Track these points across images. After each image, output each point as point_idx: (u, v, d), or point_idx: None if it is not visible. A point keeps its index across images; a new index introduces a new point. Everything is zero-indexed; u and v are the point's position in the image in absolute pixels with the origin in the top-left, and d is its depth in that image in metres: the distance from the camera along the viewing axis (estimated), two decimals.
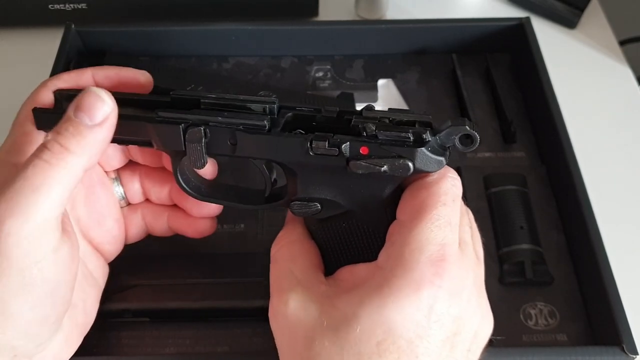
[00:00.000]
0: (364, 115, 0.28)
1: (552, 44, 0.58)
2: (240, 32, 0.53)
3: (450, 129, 0.27)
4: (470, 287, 0.28)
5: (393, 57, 0.55)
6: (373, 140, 0.27)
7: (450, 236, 0.28)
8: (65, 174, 0.27)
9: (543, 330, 0.40)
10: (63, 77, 0.33)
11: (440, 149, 0.28)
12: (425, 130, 0.27)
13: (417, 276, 0.26)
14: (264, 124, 0.29)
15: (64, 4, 0.57)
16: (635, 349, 0.35)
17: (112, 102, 0.29)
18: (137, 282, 0.39)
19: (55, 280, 0.28)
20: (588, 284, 0.40)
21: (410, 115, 0.28)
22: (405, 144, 0.27)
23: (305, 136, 0.28)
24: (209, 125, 0.29)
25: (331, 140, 0.28)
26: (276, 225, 0.44)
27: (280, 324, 0.29)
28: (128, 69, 0.34)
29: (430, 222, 0.27)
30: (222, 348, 0.39)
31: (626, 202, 0.48)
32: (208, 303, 0.39)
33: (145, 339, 0.39)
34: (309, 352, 0.27)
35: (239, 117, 0.29)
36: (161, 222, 0.37)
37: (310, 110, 0.30)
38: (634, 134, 0.53)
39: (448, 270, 0.27)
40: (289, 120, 0.30)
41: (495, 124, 0.50)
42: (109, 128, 0.29)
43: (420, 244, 0.27)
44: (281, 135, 0.29)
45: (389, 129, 0.27)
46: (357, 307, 0.27)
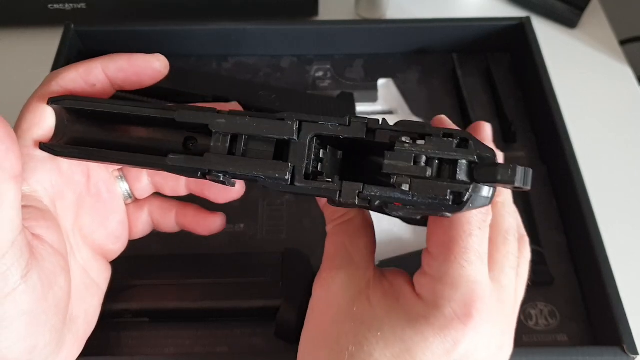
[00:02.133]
0: (396, 150, 0.25)
1: (553, 44, 0.58)
2: (240, 31, 0.53)
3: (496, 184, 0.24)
4: (504, 333, 0.28)
5: (393, 56, 0.55)
6: (406, 196, 0.25)
7: (481, 271, 0.27)
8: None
9: (543, 330, 0.40)
10: (70, 73, 0.30)
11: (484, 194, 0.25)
12: (467, 187, 0.24)
13: (448, 314, 0.26)
14: (286, 177, 0.26)
15: (64, 4, 0.56)
16: (635, 349, 0.35)
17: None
18: (137, 282, 0.39)
19: (34, 309, 0.26)
20: (588, 284, 0.40)
21: (452, 154, 0.25)
22: (443, 205, 0.25)
23: (333, 189, 0.26)
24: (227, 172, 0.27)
25: (361, 195, 0.25)
26: (276, 225, 0.44)
27: (321, 294, 0.30)
28: (140, 56, 0.31)
29: (459, 256, 0.26)
30: (222, 348, 0.39)
31: (627, 202, 0.48)
32: (208, 303, 0.39)
33: (145, 339, 0.39)
34: (330, 330, 0.28)
35: (257, 166, 0.26)
36: (169, 218, 0.36)
37: (335, 125, 0.26)
38: (634, 134, 0.53)
39: (480, 311, 0.26)
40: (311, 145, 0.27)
41: (496, 124, 0.50)
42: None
43: (452, 282, 0.26)
44: (306, 188, 0.26)
45: (424, 190, 0.24)
46: (386, 314, 0.27)
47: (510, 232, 0.29)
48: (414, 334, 0.26)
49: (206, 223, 0.36)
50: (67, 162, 0.30)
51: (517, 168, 0.24)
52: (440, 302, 0.26)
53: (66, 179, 0.31)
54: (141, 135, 0.29)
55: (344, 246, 0.30)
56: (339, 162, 0.28)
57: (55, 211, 0.30)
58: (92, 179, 0.32)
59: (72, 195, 0.31)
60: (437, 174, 0.25)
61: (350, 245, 0.30)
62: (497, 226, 0.29)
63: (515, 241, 0.30)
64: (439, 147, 0.25)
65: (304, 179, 0.26)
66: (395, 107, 0.52)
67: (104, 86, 0.30)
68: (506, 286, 0.28)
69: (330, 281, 0.29)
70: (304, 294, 0.38)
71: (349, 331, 0.27)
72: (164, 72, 0.31)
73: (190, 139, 0.29)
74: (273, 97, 0.48)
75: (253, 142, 0.27)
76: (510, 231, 0.29)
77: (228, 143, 0.26)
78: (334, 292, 0.29)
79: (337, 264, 0.30)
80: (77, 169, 0.31)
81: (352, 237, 0.30)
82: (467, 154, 0.25)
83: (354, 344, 0.27)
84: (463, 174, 0.25)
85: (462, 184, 0.24)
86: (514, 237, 0.29)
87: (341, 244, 0.30)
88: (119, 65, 0.30)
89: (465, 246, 0.27)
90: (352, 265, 0.29)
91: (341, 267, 0.29)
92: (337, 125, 0.26)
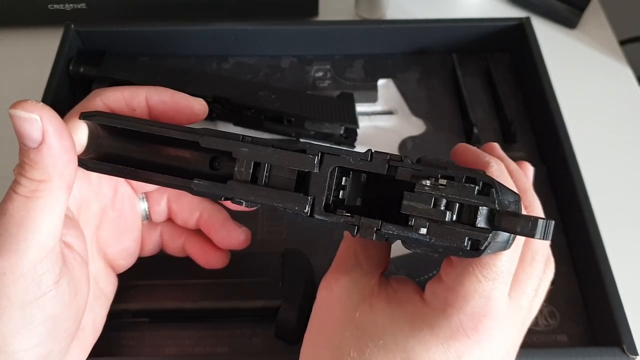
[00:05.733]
0: (417, 192, 0.25)
1: (553, 44, 0.58)
2: (239, 32, 0.53)
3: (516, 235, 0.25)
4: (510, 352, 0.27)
5: (393, 56, 0.55)
6: (424, 239, 0.25)
7: (500, 289, 0.26)
8: (47, 203, 0.25)
9: (543, 330, 0.40)
10: (116, 93, 0.30)
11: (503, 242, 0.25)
12: (486, 235, 0.24)
13: (454, 325, 0.26)
14: (306, 210, 0.26)
15: (64, 4, 0.56)
16: (635, 349, 0.35)
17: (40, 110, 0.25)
18: (137, 282, 0.39)
19: (59, 315, 0.27)
20: (588, 284, 0.40)
21: (473, 201, 0.24)
22: (460, 251, 0.24)
23: (351, 223, 0.26)
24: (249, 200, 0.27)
25: (379, 233, 0.26)
26: (276, 225, 0.44)
27: (325, 296, 0.30)
28: (183, 96, 0.31)
29: (478, 270, 0.26)
30: (222, 348, 0.38)
31: (626, 202, 0.48)
32: (208, 303, 0.39)
33: (145, 339, 0.39)
34: (332, 335, 0.28)
35: (278, 198, 0.26)
36: (178, 243, 0.37)
37: (357, 160, 0.26)
38: (634, 134, 0.53)
39: (489, 328, 0.26)
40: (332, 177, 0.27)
41: (496, 124, 0.50)
42: (56, 138, 0.25)
43: (465, 294, 0.26)
44: (324, 221, 0.26)
45: (442, 235, 0.24)
46: (388, 322, 0.27)
47: (540, 253, 0.29)
48: (417, 343, 0.26)
49: (209, 257, 0.36)
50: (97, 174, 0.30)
51: (539, 221, 0.23)
52: (449, 310, 0.26)
53: (94, 189, 0.31)
54: (169, 154, 0.30)
55: (355, 251, 0.30)
56: (362, 185, 0.28)
57: (79, 220, 0.31)
58: (118, 195, 0.33)
59: (97, 206, 0.32)
60: (457, 219, 0.25)
61: (361, 251, 0.30)
62: (529, 244, 0.29)
63: (542, 262, 0.29)
64: (460, 192, 0.25)
65: (323, 210, 0.26)
66: (395, 107, 0.52)
67: (142, 113, 0.31)
68: (524, 307, 0.28)
69: (335, 284, 0.29)
70: (304, 294, 0.38)
71: (350, 337, 0.27)
72: (201, 116, 0.32)
73: (216, 158, 0.29)
74: (273, 97, 0.48)
75: (276, 170, 0.27)
76: (539, 252, 0.29)
77: (251, 169, 0.27)
78: (338, 296, 0.29)
79: (344, 267, 0.30)
80: (105, 181, 0.32)
81: (365, 243, 0.30)
82: (488, 201, 0.24)
83: (356, 350, 0.27)
84: (483, 221, 0.24)
85: (481, 231, 0.24)
86: (542, 258, 0.29)
87: (352, 248, 0.30)
88: (162, 98, 0.31)
89: (486, 262, 0.26)
90: (358, 270, 0.30)
91: (347, 272, 0.30)
92: (359, 160, 0.26)
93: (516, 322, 0.28)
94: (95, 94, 0.30)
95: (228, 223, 0.36)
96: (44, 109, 0.25)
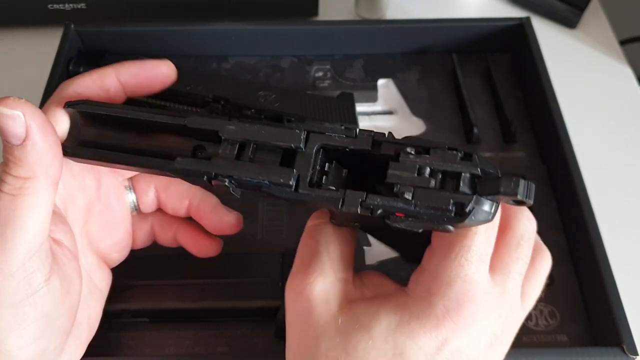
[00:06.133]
0: (401, 161, 0.25)
1: (553, 44, 0.57)
2: (239, 32, 0.53)
3: (499, 196, 0.24)
4: (497, 334, 0.28)
5: (393, 56, 0.55)
6: (409, 206, 0.25)
7: (480, 271, 0.27)
8: (34, 200, 0.25)
9: (543, 330, 0.40)
10: (85, 80, 0.30)
11: (487, 208, 0.25)
12: (470, 198, 0.24)
13: (439, 312, 0.26)
14: (290, 183, 0.26)
15: (63, 4, 0.56)
16: (635, 349, 0.35)
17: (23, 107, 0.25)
18: (137, 282, 0.39)
19: (52, 312, 0.27)
20: (588, 284, 0.40)
21: (456, 166, 0.25)
22: (445, 216, 0.25)
23: (336, 197, 0.26)
24: (232, 177, 0.27)
25: (364, 204, 0.26)
26: (276, 225, 0.44)
27: (298, 303, 0.29)
28: (148, 62, 0.31)
29: (460, 254, 0.27)
30: (222, 348, 0.38)
31: (626, 202, 0.48)
32: (208, 303, 0.39)
33: (145, 339, 0.39)
34: (316, 345, 0.27)
35: (263, 171, 0.26)
36: (169, 233, 0.37)
37: (342, 137, 0.27)
38: (634, 134, 0.53)
39: (473, 312, 0.26)
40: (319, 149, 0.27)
41: (496, 124, 0.50)
42: (40, 134, 0.25)
43: (448, 280, 0.26)
44: (310, 195, 0.26)
45: (427, 200, 0.25)
46: (373, 319, 0.27)
47: (525, 238, 0.29)
48: (406, 337, 0.26)
49: (202, 245, 0.36)
50: (78, 165, 0.30)
51: (520, 181, 0.24)
52: (433, 298, 0.26)
53: (78, 182, 0.31)
54: (152, 142, 0.30)
55: (324, 249, 0.29)
56: (343, 180, 0.28)
57: (66, 215, 0.30)
58: (103, 186, 0.33)
59: (82, 200, 0.32)
60: (441, 186, 0.25)
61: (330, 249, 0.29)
62: (512, 230, 0.29)
63: (528, 248, 0.29)
64: (443, 159, 0.25)
65: (308, 186, 0.26)
66: (395, 107, 0.52)
67: (117, 92, 0.31)
68: (510, 290, 0.28)
69: (309, 290, 0.28)
70: None
71: (337, 344, 0.27)
72: (172, 76, 0.32)
73: (199, 147, 0.29)
74: (273, 97, 0.48)
75: (261, 152, 0.27)
76: (525, 237, 0.29)
77: (236, 150, 0.27)
78: (314, 303, 0.28)
79: (316, 267, 0.29)
80: (88, 173, 0.32)
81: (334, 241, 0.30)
82: (470, 166, 0.25)
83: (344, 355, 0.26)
84: (466, 187, 0.25)
85: (464, 194, 0.25)
86: (527, 243, 0.29)
87: (321, 246, 0.30)
88: (131, 72, 0.31)
89: (469, 244, 0.27)
90: (331, 272, 0.29)
91: (320, 272, 0.29)
92: (344, 137, 0.27)
93: (502, 305, 0.28)
94: (65, 85, 0.30)
95: (219, 208, 0.35)
96: (27, 105, 0.25)
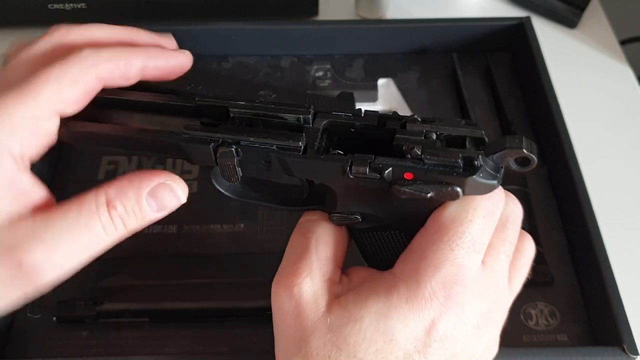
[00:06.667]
0: (408, 128, 0.26)
1: (553, 44, 0.57)
2: (239, 31, 0.53)
3: (505, 152, 0.24)
4: (484, 315, 0.28)
5: (393, 56, 0.55)
6: (418, 165, 0.25)
7: (471, 257, 0.27)
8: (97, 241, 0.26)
9: (543, 330, 0.40)
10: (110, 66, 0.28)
11: (493, 170, 0.25)
12: (477, 155, 0.25)
13: (427, 294, 0.26)
14: (299, 145, 0.26)
15: (64, 4, 0.56)
16: (635, 349, 0.35)
17: (184, 197, 0.28)
18: (137, 282, 0.39)
19: None
20: (589, 284, 0.40)
21: (461, 130, 0.26)
22: (455, 171, 0.25)
23: (345, 159, 0.26)
24: (240, 144, 0.27)
25: (372, 165, 0.25)
26: (276, 225, 0.44)
27: (285, 304, 0.28)
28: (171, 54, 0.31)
29: (452, 239, 0.27)
30: (222, 348, 0.39)
31: (627, 202, 0.48)
32: (207, 303, 0.39)
33: (145, 339, 0.39)
34: (306, 345, 0.27)
35: (272, 135, 0.26)
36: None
37: (349, 116, 0.27)
38: (634, 134, 0.53)
39: (460, 294, 0.26)
40: (325, 129, 0.27)
41: (496, 124, 0.50)
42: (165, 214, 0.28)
43: (437, 262, 0.26)
44: (318, 158, 0.26)
45: (437, 153, 0.25)
46: (362, 308, 0.27)
47: (510, 220, 0.29)
48: (396, 322, 0.26)
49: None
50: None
51: (524, 137, 0.24)
52: (421, 279, 0.26)
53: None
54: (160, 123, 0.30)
55: (313, 250, 0.29)
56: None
57: None
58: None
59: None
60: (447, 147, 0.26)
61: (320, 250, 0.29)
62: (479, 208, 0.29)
63: (514, 230, 0.29)
64: (449, 124, 0.26)
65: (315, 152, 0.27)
66: (395, 106, 0.52)
67: (136, 79, 0.29)
68: (497, 271, 0.28)
69: (297, 288, 0.28)
70: None
71: (327, 342, 0.27)
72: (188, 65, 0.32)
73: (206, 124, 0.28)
74: (273, 97, 0.48)
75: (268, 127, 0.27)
76: (510, 218, 0.29)
77: (245, 124, 0.27)
78: (304, 301, 0.28)
79: (304, 267, 0.28)
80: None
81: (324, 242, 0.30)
82: (475, 130, 0.25)
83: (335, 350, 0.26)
84: (472, 148, 0.25)
85: (472, 151, 0.25)
86: (513, 225, 0.29)
87: (310, 246, 0.29)
88: (158, 64, 0.30)
89: (463, 231, 0.27)
90: (319, 272, 0.29)
91: (309, 273, 0.28)
92: (351, 116, 0.27)
93: (489, 286, 0.28)
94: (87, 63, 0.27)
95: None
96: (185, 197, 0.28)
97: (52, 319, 0.39)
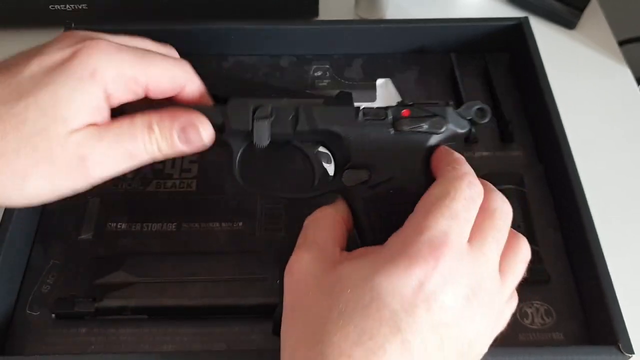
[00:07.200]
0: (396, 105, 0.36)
1: (551, 44, 0.58)
2: (239, 31, 0.53)
3: (467, 104, 0.36)
4: (474, 289, 0.28)
5: (392, 56, 0.55)
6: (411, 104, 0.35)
7: (455, 227, 0.28)
8: (138, 153, 0.32)
9: (539, 329, 0.40)
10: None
11: (462, 119, 0.35)
12: (448, 103, 0.36)
13: (413, 252, 0.27)
14: (321, 100, 0.36)
15: (64, 4, 0.57)
16: (631, 348, 0.36)
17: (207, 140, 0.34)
18: (136, 279, 0.39)
19: None
20: (585, 282, 0.41)
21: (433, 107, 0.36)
22: (438, 105, 0.35)
23: (356, 107, 0.36)
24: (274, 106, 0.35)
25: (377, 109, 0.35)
26: (275, 223, 0.44)
27: (290, 278, 0.31)
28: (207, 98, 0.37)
29: (437, 212, 0.29)
30: (220, 345, 0.39)
31: (623, 202, 0.48)
32: (206, 301, 0.39)
33: (144, 336, 0.39)
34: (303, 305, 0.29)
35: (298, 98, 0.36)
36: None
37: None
38: (632, 134, 0.53)
39: (446, 254, 0.27)
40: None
41: (493, 124, 0.50)
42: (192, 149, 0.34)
43: (423, 227, 0.28)
44: (336, 104, 0.36)
45: (422, 101, 0.36)
46: (352, 270, 0.28)
47: (498, 212, 0.31)
48: (383, 279, 0.27)
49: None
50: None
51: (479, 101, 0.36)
52: (407, 241, 0.28)
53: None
54: None
55: (312, 235, 0.32)
56: None
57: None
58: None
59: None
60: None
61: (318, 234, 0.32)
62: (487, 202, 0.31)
63: (503, 221, 0.31)
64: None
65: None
66: None
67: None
68: (486, 254, 0.29)
69: (297, 263, 0.31)
70: None
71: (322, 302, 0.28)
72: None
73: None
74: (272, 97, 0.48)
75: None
76: (497, 211, 0.31)
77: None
78: (303, 270, 0.30)
79: (304, 247, 0.32)
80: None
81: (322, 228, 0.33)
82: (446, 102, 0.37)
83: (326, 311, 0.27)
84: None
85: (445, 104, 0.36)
86: (501, 216, 0.31)
87: (310, 233, 0.33)
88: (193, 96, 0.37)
89: (448, 205, 0.29)
90: (317, 248, 0.31)
91: (307, 249, 0.31)
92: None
93: (479, 264, 0.29)
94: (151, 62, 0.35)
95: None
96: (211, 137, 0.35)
97: (51, 316, 0.39)
